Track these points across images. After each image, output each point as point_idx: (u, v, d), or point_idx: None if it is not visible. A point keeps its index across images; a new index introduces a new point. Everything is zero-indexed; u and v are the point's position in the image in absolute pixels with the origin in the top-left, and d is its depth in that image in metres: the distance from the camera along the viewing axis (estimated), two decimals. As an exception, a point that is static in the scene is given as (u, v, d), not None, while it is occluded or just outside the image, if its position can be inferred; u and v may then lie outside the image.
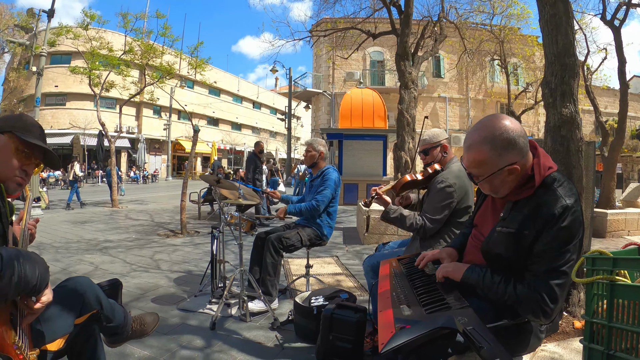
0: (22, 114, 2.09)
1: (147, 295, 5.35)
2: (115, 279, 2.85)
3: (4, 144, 1.92)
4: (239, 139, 60.27)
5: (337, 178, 4.98)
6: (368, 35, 14.30)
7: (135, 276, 6.40)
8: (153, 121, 50.45)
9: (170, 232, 10.42)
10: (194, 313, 4.63)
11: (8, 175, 1.93)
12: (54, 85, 42.81)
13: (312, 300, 3.89)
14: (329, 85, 33.06)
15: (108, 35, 19.54)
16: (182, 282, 5.95)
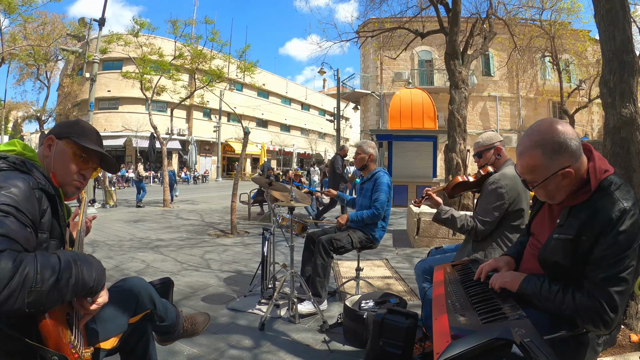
0: (79, 120, 2.13)
1: (197, 294, 5.40)
2: (167, 277, 2.90)
3: (62, 149, 1.96)
4: (288, 140, 60.66)
5: (388, 181, 4.92)
6: (416, 35, 14.08)
7: (185, 275, 6.48)
8: (203, 123, 51.33)
9: (221, 232, 10.52)
10: (243, 313, 4.64)
11: (67, 179, 1.96)
12: (107, 90, 44.06)
13: (362, 304, 3.86)
14: (378, 85, 32.78)
15: (158, 41, 19.97)
16: (231, 282, 5.99)
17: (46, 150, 1.96)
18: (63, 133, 1.99)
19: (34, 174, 1.76)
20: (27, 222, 1.58)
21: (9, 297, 1.33)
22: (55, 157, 1.95)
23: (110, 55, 19.78)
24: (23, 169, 1.75)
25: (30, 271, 1.39)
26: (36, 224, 1.66)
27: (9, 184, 1.60)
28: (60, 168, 1.94)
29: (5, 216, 1.50)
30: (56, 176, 1.93)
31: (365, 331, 3.56)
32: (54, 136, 1.97)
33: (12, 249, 1.43)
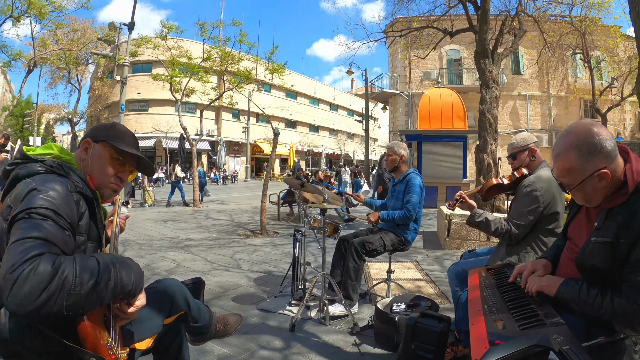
0: (115, 123, 2.15)
1: (227, 294, 5.43)
2: (199, 277, 2.91)
3: (99, 152, 1.98)
4: (317, 141, 60.78)
5: (420, 183, 4.88)
6: (445, 34, 13.91)
7: (216, 275, 6.53)
8: (232, 124, 51.78)
9: (250, 233, 10.57)
10: (273, 314, 4.64)
11: (104, 182, 1.99)
12: (137, 92, 44.76)
13: (393, 306, 3.82)
14: (406, 85, 32.51)
15: (186, 44, 20.21)
16: (262, 283, 6.00)
17: (83, 154, 1.98)
18: (100, 136, 2.01)
19: (72, 177, 1.79)
20: (66, 225, 1.60)
21: (48, 299, 1.34)
22: (93, 160, 1.97)
23: (139, 58, 20.08)
24: (60, 172, 1.77)
25: (69, 274, 1.40)
26: (74, 227, 1.68)
27: (47, 188, 1.61)
28: (98, 171, 1.97)
29: (44, 219, 1.52)
30: (93, 179, 1.95)
31: (397, 334, 3.54)
32: (90, 139, 2.00)
33: (51, 252, 1.44)
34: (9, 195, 1.67)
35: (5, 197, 1.70)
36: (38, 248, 1.42)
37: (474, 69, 24.83)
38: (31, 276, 1.34)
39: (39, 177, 1.69)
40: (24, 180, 1.68)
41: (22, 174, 1.73)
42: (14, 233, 1.48)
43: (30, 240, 1.44)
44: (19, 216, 1.52)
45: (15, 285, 1.33)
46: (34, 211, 1.52)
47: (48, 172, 1.74)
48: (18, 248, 1.41)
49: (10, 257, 1.39)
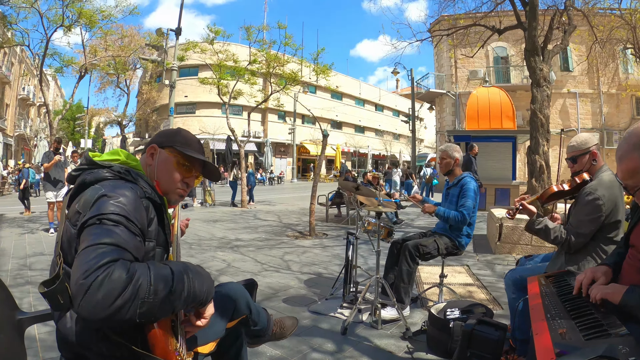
0: (180, 129, 2.18)
1: (278, 295, 5.48)
2: (252, 279, 2.92)
3: (166, 158, 2.00)
4: (362, 142, 60.69)
5: (475, 187, 4.81)
6: (493, 32, 13.64)
7: (266, 275, 6.59)
8: (278, 126, 52.28)
9: (299, 234, 10.60)
10: (325, 316, 4.66)
11: (171, 187, 2.00)
12: (184, 96, 45.61)
13: (447, 312, 3.76)
14: (452, 85, 31.67)
15: (232, 47, 20.41)
16: (312, 284, 6.02)
17: (149, 159, 2.01)
18: (166, 142, 2.03)
19: (140, 183, 1.81)
20: (137, 231, 1.60)
21: (122, 307, 1.34)
22: (159, 166, 1.99)
23: (186, 62, 20.46)
24: (128, 177, 1.79)
25: (143, 282, 1.41)
26: (144, 233, 1.69)
27: (117, 194, 1.63)
28: (165, 176, 1.99)
29: (116, 225, 1.52)
30: (160, 184, 1.97)
31: (451, 341, 3.49)
32: (156, 145, 2.02)
33: (125, 258, 1.45)
34: (77, 201, 1.68)
35: (72, 202, 1.72)
36: (111, 254, 1.42)
37: (521, 66, 24.08)
38: (105, 283, 1.34)
39: (107, 183, 1.70)
40: (92, 186, 1.70)
41: (90, 179, 1.74)
42: (85, 239, 1.48)
43: (102, 246, 1.44)
44: (90, 222, 1.53)
45: (89, 292, 1.32)
46: (105, 217, 1.53)
47: (115, 178, 1.76)
48: (91, 254, 1.41)
49: (83, 262, 1.39)
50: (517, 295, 3.37)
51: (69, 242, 1.63)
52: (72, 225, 1.63)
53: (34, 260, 8.28)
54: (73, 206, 1.70)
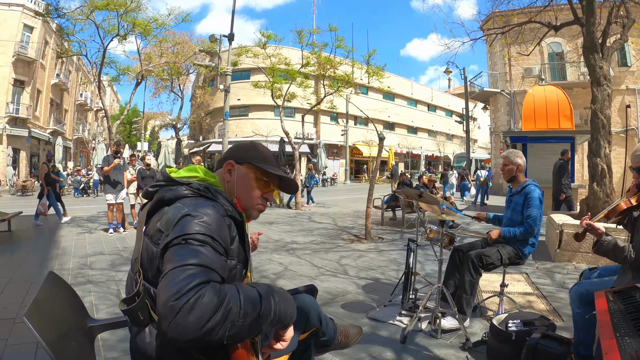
0: (255, 143, 2.18)
1: (336, 301, 5.51)
2: (312, 285, 2.90)
3: (245, 174, 2.00)
4: (415, 143, 60.20)
5: (540, 195, 4.70)
6: (549, 29, 13.22)
7: (324, 280, 6.65)
8: (330, 127, 52.50)
9: (354, 237, 10.61)
10: (384, 324, 4.66)
11: (251, 204, 2.01)
12: (237, 99, 46.42)
13: (509, 323, 3.68)
14: (507, 83, 30.65)
15: (284, 51, 20.65)
16: (370, 290, 6.04)
17: (227, 175, 2.00)
18: (244, 158, 2.03)
19: (220, 200, 1.80)
20: (222, 251, 1.60)
21: (212, 330, 1.36)
22: (238, 182, 1.99)
23: (238, 66, 20.73)
24: (208, 195, 1.79)
25: (234, 306, 1.42)
26: (228, 251, 1.69)
27: (200, 213, 1.62)
28: (244, 193, 1.99)
29: (202, 245, 1.52)
30: (240, 201, 1.97)
31: (513, 353, 3.43)
32: (233, 161, 2.01)
33: (213, 280, 1.46)
34: (158, 219, 1.69)
35: (151, 219, 1.77)
36: (200, 276, 1.43)
37: (577, 63, 23.34)
38: (197, 306, 1.35)
39: (189, 202, 1.70)
40: (174, 205, 1.71)
41: (169, 197, 1.76)
42: (171, 259, 1.50)
43: (190, 267, 1.45)
44: (175, 242, 1.54)
45: (180, 314, 1.33)
46: (191, 237, 1.53)
47: (195, 196, 1.76)
48: (179, 275, 1.42)
49: (172, 284, 1.40)
50: (582, 310, 3.26)
51: (150, 259, 1.66)
52: (153, 244, 1.65)
53: (94, 259, 8.61)
54: (153, 224, 1.72)
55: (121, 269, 7.73)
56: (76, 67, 56.76)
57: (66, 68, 51.38)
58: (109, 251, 9.41)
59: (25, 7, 38.86)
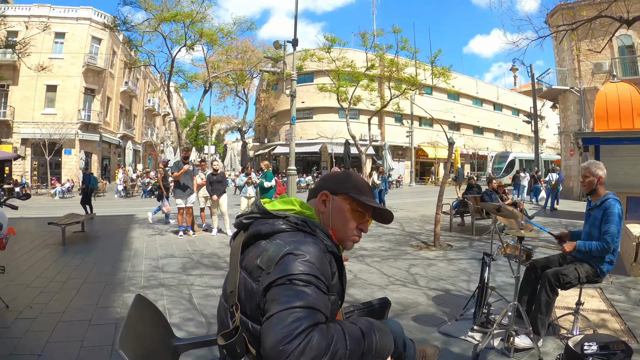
0: (349, 173, 2.13)
1: (407, 313, 5.55)
2: (386, 298, 2.90)
3: (340, 205, 1.99)
4: (482, 143, 58.99)
5: (619, 211, 4.52)
6: (621, 23, 12.69)
7: (394, 290, 6.69)
8: (395, 129, 52.42)
9: (423, 244, 10.59)
10: (455, 339, 4.65)
11: (347, 235, 1.99)
12: (301, 102, 47.20)
13: (584, 346, 3.54)
14: (576, 80, 28.88)
15: (349, 53, 20.77)
16: (440, 302, 6.03)
17: (321, 206, 2.00)
18: (339, 189, 2.01)
19: (319, 235, 1.80)
20: (325, 289, 1.63)
21: None
22: (334, 214, 1.98)
23: (302, 70, 20.98)
24: (306, 229, 1.80)
25: (340, 348, 1.50)
26: (330, 288, 1.70)
27: (303, 252, 1.64)
28: (340, 224, 1.98)
29: (306, 285, 1.55)
30: (336, 232, 1.97)
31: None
32: (328, 192, 2.00)
33: (319, 321, 1.51)
34: (259, 256, 1.71)
35: (246, 251, 1.81)
36: (307, 319, 1.47)
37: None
38: (307, 350, 1.40)
39: (289, 238, 1.72)
40: (275, 242, 1.72)
41: (266, 231, 1.79)
42: (276, 300, 1.53)
43: (297, 310, 1.48)
44: (279, 282, 1.57)
45: (290, 358, 1.39)
46: (295, 277, 1.56)
47: (293, 230, 1.78)
48: (287, 319, 1.46)
49: (280, 327, 1.44)
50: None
51: (250, 295, 1.69)
52: (253, 280, 1.68)
53: (166, 262, 8.96)
54: (250, 258, 1.75)
55: (192, 273, 8.02)
56: (143, 75, 59.54)
57: (134, 76, 54.27)
58: (180, 254, 9.79)
59: (92, 20, 41.98)
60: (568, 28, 14.41)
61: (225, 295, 1.85)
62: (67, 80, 40.78)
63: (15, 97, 39.54)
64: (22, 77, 38.32)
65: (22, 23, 24.97)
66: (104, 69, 43.67)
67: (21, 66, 34.48)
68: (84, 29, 42.16)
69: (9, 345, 4.70)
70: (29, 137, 38.74)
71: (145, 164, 59.18)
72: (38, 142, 37.22)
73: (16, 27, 29.25)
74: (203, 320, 5.48)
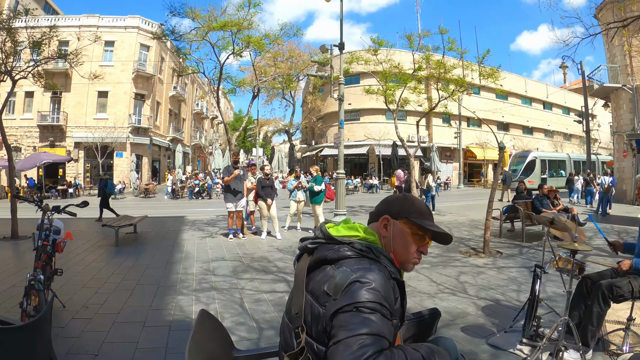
0: (408, 197, 2.18)
1: (456, 323, 5.53)
2: (436, 309, 2.84)
3: (401, 229, 2.02)
4: (531, 144, 57.17)
5: None
6: None
7: (443, 298, 6.66)
8: (442, 130, 52.02)
9: (472, 250, 10.49)
10: (504, 352, 4.62)
11: (408, 258, 2.02)
12: (348, 103, 47.32)
13: None
14: (628, 77, 27.48)
15: (396, 55, 20.68)
16: (490, 312, 5.98)
17: (383, 231, 2.04)
18: (400, 213, 2.04)
19: (382, 261, 1.85)
20: (389, 316, 1.67)
21: None
22: (395, 238, 2.02)
23: (348, 71, 21.06)
24: (370, 256, 1.84)
25: None
26: (393, 314, 1.73)
27: (369, 280, 1.68)
28: (402, 248, 2.01)
29: (372, 313, 1.60)
30: (397, 256, 2.01)
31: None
32: (389, 216, 2.04)
33: (384, 347, 1.56)
34: (326, 282, 1.77)
35: (312, 275, 1.89)
36: (374, 346, 1.52)
37: None
38: None
39: (355, 265, 1.77)
40: (341, 269, 1.77)
41: (332, 257, 1.85)
42: (343, 326, 1.59)
43: (364, 337, 1.53)
44: (346, 309, 1.62)
45: None
46: (362, 305, 1.60)
47: (358, 257, 1.83)
48: (353, 345, 1.51)
49: (348, 353, 1.50)
50: None
51: (316, 319, 1.74)
52: (320, 305, 1.74)
53: (216, 265, 9.15)
54: (317, 283, 1.82)
55: (242, 277, 8.18)
56: (192, 79, 61.22)
57: (182, 81, 55.88)
58: (230, 257, 9.98)
59: (140, 28, 44.08)
60: (619, 25, 14.04)
61: (290, 316, 1.89)
62: (118, 86, 42.92)
63: (68, 103, 42.06)
64: (74, 84, 40.53)
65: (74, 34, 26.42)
66: (152, 75, 45.69)
67: (73, 73, 36.24)
68: (133, 36, 44.29)
69: (65, 344, 4.87)
70: (82, 141, 40.99)
71: (194, 166, 60.53)
72: (90, 146, 39.34)
73: (67, 37, 30.53)
74: (254, 325, 5.59)
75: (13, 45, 13.33)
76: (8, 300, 6.63)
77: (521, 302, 5.79)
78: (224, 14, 15.87)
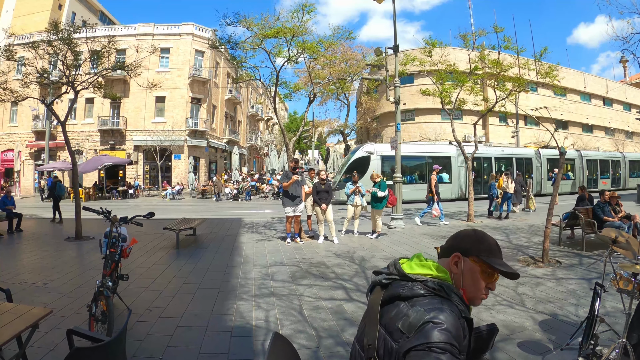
0: (479, 234, 2.20)
1: (513, 337, 5.49)
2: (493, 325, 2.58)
3: (471, 267, 2.07)
4: (591, 143, 55.59)
5: None
6: None
7: (500, 310, 6.60)
8: (499, 129, 51.16)
9: (530, 259, 10.24)
10: None
11: (477, 295, 2.08)
12: (403, 104, 47.16)
13: None
14: None
15: (451, 56, 20.47)
16: (547, 328, 5.90)
17: (454, 267, 2.10)
18: (471, 251, 2.09)
19: (453, 300, 1.92)
20: (458, 354, 1.73)
21: None
22: (465, 275, 2.08)
23: (403, 74, 21.04)
24: (442, 294, 1.91)
25: None
26: (461, 352, 1.78)
27: (441, 320, 1.75)
28: (471, 285, 2.07)
29: (442, 352, 1.67)
30: (467, 292, 2.07)
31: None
32: (460, 254, 2.10)
33: None
34: (400, 320, 1.83)
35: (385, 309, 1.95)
36: None
37: None
38: None
39: (428, 305, 1.84)
40: (415, 308, 1.83)
41: (405, 294, 1.91)
42: None
43: None
44: (419, 348, 1.69)
45: None
46: (434, 345, 1.67)
47: (431, 295, 1.89)
48: None
49: None
50: None
51: (389, 353, 1.82)
52: (393, 341, 1.81)
53: (275, 270, 9.32)
54: (390, 319, 1.89)
55: (301, 283, 8.29)
56: (246, 82, 61.94)
57: (237, 84, 56.66)
58: (288, 262, 10.15)
59: (194, 35, 46.06)
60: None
61: (362, 345, 1.97)
62: (175, 91, 44.79)
63: (127, 108, 44.48)
64: (132, 90, 42.78)
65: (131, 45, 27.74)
66: (208, 80, 47.34)
67: (131, 80, 37.32)
68: (187, 43, 46.16)
69: (131, 347, 5.04)
70: (141, 144, 43.07)
71: (250, 167, 61.56)
72: (149, 149, 41.24)
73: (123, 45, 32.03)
74: (313, 334, 5.68)
75: (74, 58, 13.96)
76: (74, 301, 7.00)
77: (579, 317, 5.75)
78: (278, 21, 16.15)
